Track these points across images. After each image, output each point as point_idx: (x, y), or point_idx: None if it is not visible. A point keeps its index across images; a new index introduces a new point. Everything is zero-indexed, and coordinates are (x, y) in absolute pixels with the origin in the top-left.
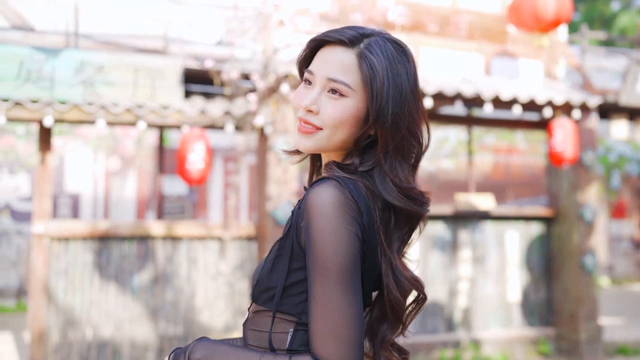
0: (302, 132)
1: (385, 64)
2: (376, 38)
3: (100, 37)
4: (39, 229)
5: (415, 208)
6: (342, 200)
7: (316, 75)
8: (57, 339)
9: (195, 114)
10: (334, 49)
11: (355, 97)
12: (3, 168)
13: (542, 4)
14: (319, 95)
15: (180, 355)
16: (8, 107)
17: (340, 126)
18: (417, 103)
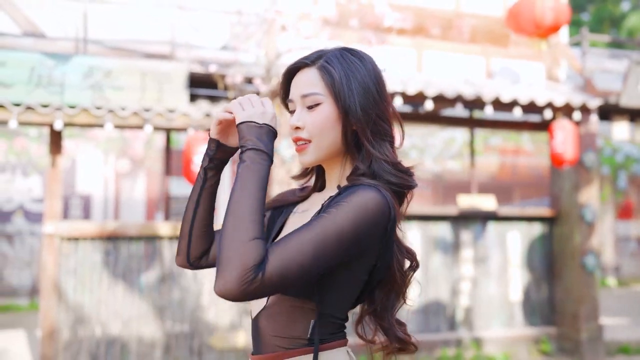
0: (299, 150)
1: (341, 67)
2: (333, 52)
3: (108, 42)
4: (49, 229)
5: (408, 180)
6: (380, 203)
7: (294, 100)
8: (67, 336)
9: (201, 117)
10: (301, 73)
11: (327, 102)
12: (16, 170)
13: (540, 9)
14: (301, 114)
15: None
16: (20, 112)
17: (323, 130)
18: (381, 92)
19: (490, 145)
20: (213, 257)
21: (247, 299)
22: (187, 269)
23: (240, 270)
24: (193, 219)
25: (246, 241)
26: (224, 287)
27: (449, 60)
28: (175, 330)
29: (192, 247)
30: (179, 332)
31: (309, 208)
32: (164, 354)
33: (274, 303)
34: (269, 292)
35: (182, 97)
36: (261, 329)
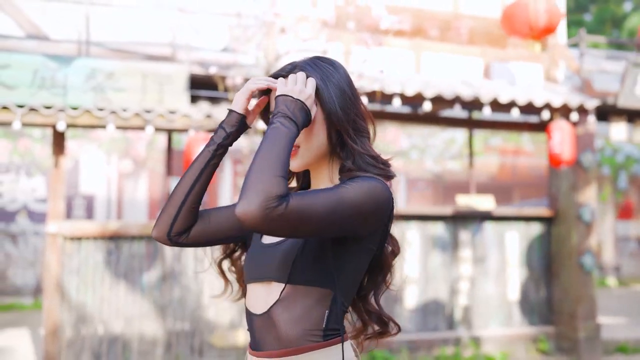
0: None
1: (317, 74)
2: (306, 61)
3: (110, 45)
4: (53, 229)
5: (388, 171)
6: (385, 191)
7: None
8: (70, 334)
9: (201, 118)
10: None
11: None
12: (20, 170)
13: (533, 12)
14: None
15: None
16: (23, 113)
17: (310, 135)
18: (355, 93)
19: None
20: (193, 237)
21: (265, 226)
22: (162, 242)
23: (264, 197)
24: (189, 191)
25: (273, 175)
26: (247, 209)
27: (447, 62)
28: (176, 329)
29: (177, 220)
30: (180, 331)
31: None
32: (165, 352)
33: (289, 294)
34: (285, 227)
35: (183, 99)
36: (275, 322)
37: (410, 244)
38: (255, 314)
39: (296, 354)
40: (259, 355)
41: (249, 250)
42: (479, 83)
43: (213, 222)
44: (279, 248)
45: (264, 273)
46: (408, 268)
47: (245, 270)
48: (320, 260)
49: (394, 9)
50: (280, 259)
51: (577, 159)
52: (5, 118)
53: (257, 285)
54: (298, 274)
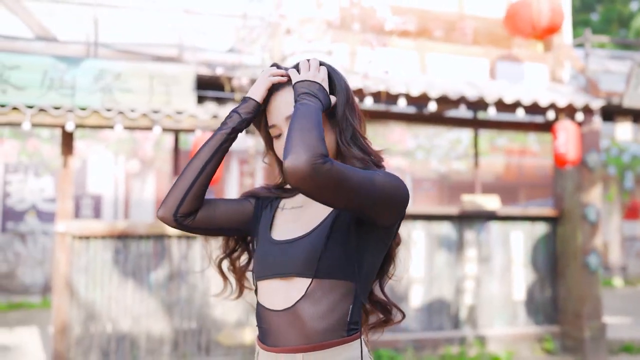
0: None
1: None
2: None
3: (118, 46)
4: (61, 228)
5: (382, 162)
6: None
7: (278, 124)
8: (79, 332)
9: (208, 119)
10: (275, 96)
11: None
12: (29, 170)
13: (536, 12)
14: None
15: None
16: (33, 113)
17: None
18: (349, 89)
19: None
20: (198, 221)
21: (312, 181)
22: (167, 222)
23: (312, 153)
24: (200, 172)
25: (316, 136)
26: (297, 162)
27: (452, 62)
28: (183, 327)
29: (185, 201)
30: (187, 329)
31: (303, 204)
32: (172, 350)
33: (315, 289)
34: (329, 185)
35: (190, 99)
36: (302, 317)
37: (415, 244)
38: (274, 310)
39: (321, 349)
40: (280, 351)
41: (258, 248)
42: (483, 83)
43: (218, 211)
44: (300, 243)
45: (283, 269)
46: (413, 267)
47: (258, 267)
48: (344, 254)
49: (398, 9)
50: (304, 254)
51: (582, 159)
52: (15, 119)
53: (273, 281)
54: (324, 269)
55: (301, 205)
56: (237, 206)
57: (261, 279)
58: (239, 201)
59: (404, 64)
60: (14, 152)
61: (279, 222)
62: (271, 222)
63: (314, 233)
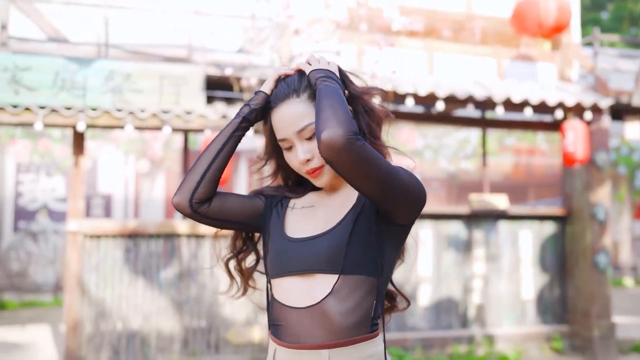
0: (315, 176)
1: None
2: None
3: (128, 47)
4: (73, 227)
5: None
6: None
7: (289, 138)
8: (90, 330)
9: (217, 119)
10: (280, 109)
11: None
12: (40, 170)
13: (544, 10)
14: (304, 147)
15: None
16: (45, 114)
17: None
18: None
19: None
20: (211, 210)
21: (347, 153)
22: (182, 209)
23: (347, 128)
24: (213, 159)
25: (347, 114)
26: (334, 134)
27: (460, 62)
28: (192, 325)
29: (200, 187)
30: (196, 327)
31: (314, 204)
32: (182, 347)
33: (342, 285)
34: (361, 160)
35: (199, 99)
36: (328, 314)
37: (424, 243)
38: (296, 307)
39: (348, 345)
40: (303, 348)
41: (272, 245)
42: (492, 83)
43: (230, 202)
44: (321, 241)
45: (304, 266)
46: (422, 266)
47: (273, 264)
48: (367, 251)
49: (406, 9)
50: (328, 251)
51: (591, 158)
52: (27, 119)
53: (292, 278)
54: (350, 265)
55: (312, 205)
56: (248, 200)
57: (277, 277)
58: (249, 196)
59: (412, 64)
60: (26, 152)
61: (291, 220)
62: (283, 221)
63: (336, 230)
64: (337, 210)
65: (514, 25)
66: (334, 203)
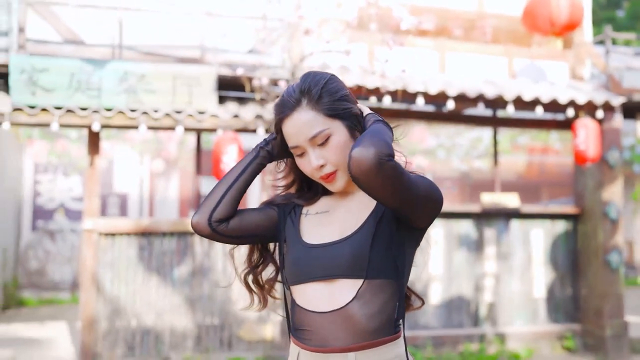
0: (329, 181)
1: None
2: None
3: (142, 48)
4: (88, 225)
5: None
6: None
7: (301, 145)
8: (105, 327)
9: (229, 118)
10: (292, 118)
11: (334, 128)
12: (58, 170)
13: (555, 8)
14: (316, 153)
15: None
16: (61, 114)
17: (346, 155)
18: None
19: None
20: (230, 229)
21: (375, 173)
22: (202, 231)
23: (380, 149)
24: (234, 182)
25: (387, 139)
26: (365, 153)
27: (471, 61)
28: (205, 322)
29: (219, 207)
30: (209, 324)
31: (329, 209)
32: (195, 344)
33: (367, 290)
34: (389, 181)
35: (212, 99)
36: (353, 318)
37: (435, 242)
38: (320, 312)
39: (373, 347)
40: (330, 351)
41: (290, 253)
42: (503, 82)
43: (248, 218)
44: (342, 246)
45: (325, 272)
46: (433, 265)
47: (292, 271)
48: (389, 255)
49: (417, 9)
50: (351, 256)
51: (603, 157)
52: (44, 119)
53: (313, 284)
54: (374, 270)
55: (327, 210)
56: (263, 213)
57: (298, 283)
58: (263, 209)
59: (423, 63)
60: (44, 153)
61: (307, 227)
62: (298, 228)
63: (357, 235)
64: (356, 215)
65: (525, 23)
66: (351, 206)
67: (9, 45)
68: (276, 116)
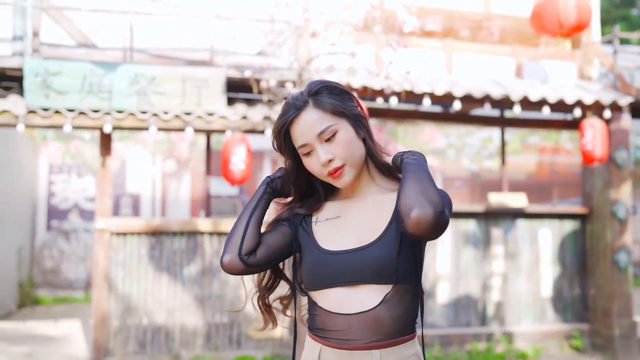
0: (336, 176)
1: (329, 93)
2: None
3: (152, 51)
4: (100, 224)
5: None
6: None
7: (309, 143)
8: (117, 324)
9: (238, 120)
10: (300, 118)
11: (340, 125)
12: (72, 171)
13: (563, 9)
14: (324, 148)
15: None
16: (73, 116)
17: (352, 150)
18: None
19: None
20: (259, 257)
21: (434, 230)
22: (235, 268)
23: (436, 209)
24: (250, 217)
25: (436, 192)
26: (425, 216)
27: (478, 62)
28: (215, 321)
29: (245, 241)
30: (218, 322)
31: (340, 214)
32: (205, 342)
33: (394, 294)
34: (442, 230)
35: (220, 101)
36: (381, 320)
37: (442, 242)
38: (345, 314)
39: (396, 345)
40: (354, 349)
41: (308, 259)
42: (510, 82)
43: (270, 242)
44: (367, 252)
45: (350, 277)
46: (440, 264)
47: (313, 277)
48: (412, 260)
49: (425, 10)
50: (379, 263)
51: (611, 156)
52: (57, 121)
53: (336, 289)
54: (402, 275)
55: (338, 216)
56: (279, 232)
57: (319, 289)
58: (276, 228)
59: (430, 64)
60: (58, 154)
61: (321, 234)
62: (312, 235)
63: (382, 241)
64: (371, 219)
65: (533, 25)
66: (363, 211)
67: (23, 49)
68: (283, 119)
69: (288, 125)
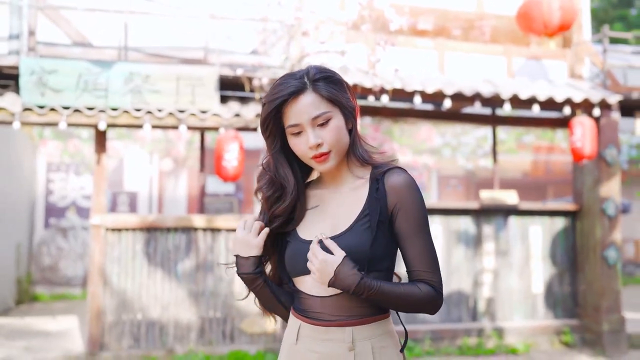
0: (321, 161)
1: (328, 82)
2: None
3: (147, 50)
4: (96, 221)
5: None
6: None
7: (301, 124)
8: (112, 319)
9: (231, 117)
10: (298, 99)
11: (334, 113)
12: (70, 169)
13: (547, 10)
14: (315, 132)
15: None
16: (68, 114)
17: (340, 139)
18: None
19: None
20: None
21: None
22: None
23: (440, 296)
24: (263, 296)
25: (418, 295)
26: (439, 304)
27: (471, 61)
28: (209, 315)
29: (283, 304)
30: (212, 317)
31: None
32: (198, 337)
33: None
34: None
35: (214, 99)
36: (354, 300)
37: (434, 238)
38: (319, 296)
39: (369, 322)
40: (329, 326)
41: (289, 249)
42: (501, 81)
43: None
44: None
45: None
46: None
47: (293, 265)
48: (386, 248)
49: (417, 9)
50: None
51: (600, 154)
52: (52, 119)
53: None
54: (373, 264)
55: (317, 205)
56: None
57: (298, 275)
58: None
59: (423, 63)
60: (57, 152)
61: (302, 224)
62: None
63: (354, 230)
64: (347, 210)
65: (519, 24)
66: (341, 201)
67: (19, 47)
68: (280, 94)
69: (284, 102)
